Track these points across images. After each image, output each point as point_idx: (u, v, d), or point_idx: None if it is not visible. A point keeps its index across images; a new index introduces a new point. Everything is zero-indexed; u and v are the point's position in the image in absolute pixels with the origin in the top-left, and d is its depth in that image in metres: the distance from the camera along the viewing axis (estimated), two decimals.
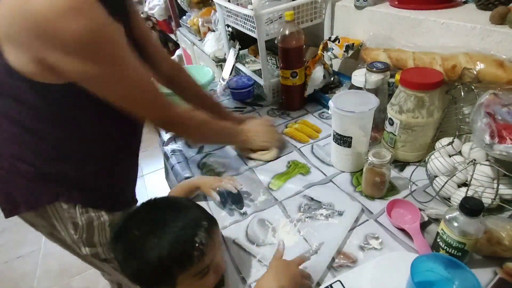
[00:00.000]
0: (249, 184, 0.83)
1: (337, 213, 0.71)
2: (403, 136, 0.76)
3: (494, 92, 0.62)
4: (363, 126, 0.75)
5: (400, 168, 0.81)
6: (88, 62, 0.54)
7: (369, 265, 0.58)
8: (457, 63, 0.71)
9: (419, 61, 0.79)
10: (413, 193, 0.72)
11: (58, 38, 0.50)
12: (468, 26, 0.73)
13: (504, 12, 0.68)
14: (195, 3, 2.04)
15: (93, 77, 0.56)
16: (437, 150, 0.70)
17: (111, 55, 0.56)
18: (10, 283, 1.74)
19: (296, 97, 1.10)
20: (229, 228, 0.72)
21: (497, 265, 0.55)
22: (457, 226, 0.50)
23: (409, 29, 0.88)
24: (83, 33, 0.50)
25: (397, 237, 0.64)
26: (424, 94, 0.70)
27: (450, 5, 0.85)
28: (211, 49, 1.72)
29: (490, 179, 0.63)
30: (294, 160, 0.89)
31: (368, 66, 0.80)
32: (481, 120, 0.59)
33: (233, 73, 1.34)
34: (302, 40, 0.99)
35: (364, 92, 0.79)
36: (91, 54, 0.53)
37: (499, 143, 0.56)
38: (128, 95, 0.62)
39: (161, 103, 0.69)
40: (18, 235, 2.01)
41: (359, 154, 0.79)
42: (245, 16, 1.06)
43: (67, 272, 1.73)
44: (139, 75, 0.62)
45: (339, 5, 1.10)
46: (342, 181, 0.80)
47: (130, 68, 0.60)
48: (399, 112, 0.74)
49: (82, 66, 0.54)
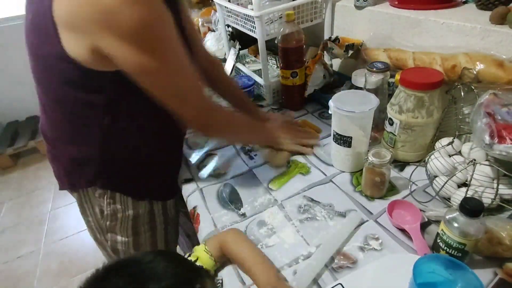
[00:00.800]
0: (248, 184, 0.83)
1: (337, 214, 0.71)
2: (403, 136, 0.76)
3: (494, 92, 0.62)
4: (363, 126, 0.75)
5: (400, 168, 0.81)
6: (142, 50, 0.54)
7: (370, 267, 0.58)
8: (457, 63, 0.71)
9: (419, 61, 0.79)
10: (413, 193, 0.72)
11: (117, 24, 0.50)
12: (468, 26, 0.73)
13: (504, 12, 0.68)
14: (195, 3, 2.04)
15: (143, 66, 0.56)
16: (437, 150, 0.70)
17: (165, 46, 0.56)
18: (10, 283, 1.74)
19: (296, 97, 1.10)
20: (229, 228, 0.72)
21: (497, 265, 0.55)
22: (457, 226, 0.50)
23: (409, 29, 0.87)
24: (141, 21, 0.50)
25: (397, 238, 0.64)
26: (424, 94, 0.70)
27: (450, 5, 0.85)
28: (211, 49, 1.72)
29: (490, 179, 0.63)
30: (294, 160, 0.89)
31: (368, 66, 0.80)
32: (481, 120, 0.59)
33: (233, 73, 1.34)
34: (302, 40, 0.99)
35: (364, 92, 0.79)
36: (146, 42, 0.53)
37: (499, 143, 0.56)
38: (173, 88, 0.62)
39: (204, 102, 0.69)
40: (18, 235, 2.01)
41: (359, 154, 0.79)
42: (245, 16, 1.06)
43: (67, 272, 1.74)
44: (186, 68, 0.62)
45: (339, 5, 1.10)
46: (342, 181, 0.80)
47: (179, 60, 0.60)
48: (398, 112, 0.74)
49: (136, 54, 0.54)
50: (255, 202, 0.77)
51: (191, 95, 0.65)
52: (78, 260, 1.81)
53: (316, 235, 0.67)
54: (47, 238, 1.98)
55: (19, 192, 2.39)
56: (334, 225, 0.68)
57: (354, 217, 0.68)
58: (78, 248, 1.88)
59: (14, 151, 2.67)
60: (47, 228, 2.05)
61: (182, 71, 0.62)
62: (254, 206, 0.76)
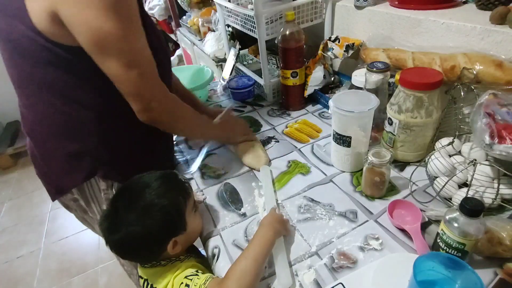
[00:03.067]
0: (249, 184, 0.83)
1: (337, 214, 0.71)
2: (402, 136, 0.76)
3: (494, 92, 0.62)
4: (363, 126, 0.75)
5: (400, 168, 0.81)
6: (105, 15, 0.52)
7: (370, 266, 0.58)
8: (456, 64, 0.71)
9: (418, 61, 0.79)
10: (413, 193, 0.72)
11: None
12: (468, 26, 0.73)
13: (504, 12, 0.68)
14: (195, 3, 2.04)
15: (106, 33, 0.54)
16: (437, 150, 0.70)
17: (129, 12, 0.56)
18: (10, 283, 1.74)
19: (296, 97, 1.10)
20: (229, 229, 0.72)
21: (497, 265, 0.55)
22: (457, 226, 0.50)
23: (409, 29, 0.88)
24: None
25: (397, 238, 0.64)
26: (423, 94, 0.70)
27: (450, 5, 0.85)
28: (211, 49, 1.72)
29: (490, 179, 0.63)
30: (294, 159, 0.89)
31: (368, 66, 0.80)
32: (481, 120, 0.59)
33: (233, 73, 1.34)
34: (302, 40, 0.99)
35: (364, 92, 0.79)
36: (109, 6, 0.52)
37: (499, 143, 0.56)
38: (133, 61, 0.59)
39: (161, 86, 0.66)
40: (18, 235, 2.01)
41: (359, 154, 0.79)
42: (246, 16, 1.06)
43: (67, 272, 1.73)
44: (146, 45, 0.61)
45: (339, 5, 1.10)
46: (342, 181, 0.80)
47: (141, 33, 0.59)
48: (398, 112, 0.74)
49: (98, 18, 0.52)
50: (255, 202, 0.77)
51: (150, 74, 0.63)
52: (78, 260, 1.81)
53: (316, 235, 0.67)
54: (47, 238, 1.98)
55: (19, 192, 2.39)
56: (334, 225, 0.68)
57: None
58: (78, 248, 1.88)
59: (14, 151, 2.67)
60: (47, 228, 2.05)
61: (143, 44, 0.60)
62: (254, 206, 0.76)
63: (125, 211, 0.58)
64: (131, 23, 0.57)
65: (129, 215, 0.57)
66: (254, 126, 1.06)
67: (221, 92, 1.33)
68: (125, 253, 0.62)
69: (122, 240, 0.58)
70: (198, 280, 0.56)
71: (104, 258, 1.77)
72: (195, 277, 0.57)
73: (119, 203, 0.59)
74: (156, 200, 0.59)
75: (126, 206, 0.58)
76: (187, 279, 0.57)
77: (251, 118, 1.12)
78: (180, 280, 0.58)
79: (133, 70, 0.59)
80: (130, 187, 0.62)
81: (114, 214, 0.59)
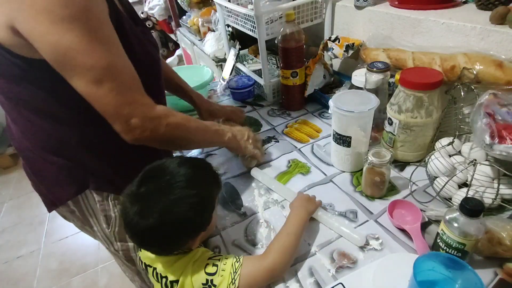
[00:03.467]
0: (249, 184, 0.83)
1: (337, 214, 0.71)
2: (402, 136, 0.76)
3: (494, 92, 0.62)
4: (363, 126, 0.75)
5: (400, 168, 0.81)
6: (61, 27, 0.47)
7: (370, 266, 0.58)
8: (456, 64, 0.71)
9: (418, 61, 0.79)
10: (414, 193, 0.72)
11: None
12: (468, 26, 0.73)
13: (504, 12, 0.68)
14: (195, 3, 2.04)
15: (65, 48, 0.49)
16: (437, 150, 0.70)
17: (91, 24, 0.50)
18: (10, 283, 1.74)
19: (296, 97, 1.10)
20: (229, 229, 0.72)
21: (497, 265, 0.55)
22: (457, 226, 0.50)
23: (409, 29, 0.88)
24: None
25: (397, 238, 0.64)
26: (423, 94, 0.70)
27: (450, 5, 0.85)
28: (211, 49, 1.72)
29: (490, 179, 0.63)
30: (294, 159, 0.89)
31: (369, 66, 0.80)
32: (481, 120, 0.59)
33: (233, 73, 1.34)
34: (302, 40, 0.99)
35: (364, 92, 0.79)
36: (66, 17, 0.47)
37: (499, 143, 0.56)
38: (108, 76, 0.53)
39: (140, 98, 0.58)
40: (18, 235, 2.01)
41: (359, 154, 0.79)
42: (246, 16, 1.06)
43: (67, 272, 1.74)
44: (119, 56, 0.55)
45: (339, 5, 1.10)
46: (342, 181, 0.80)
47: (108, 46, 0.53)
48: (398, 112, 0.74)
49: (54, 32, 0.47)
50: (255, 202, 0.77)
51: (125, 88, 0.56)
52: (77, 260, 1.81)
53: (316, 235, 0.67)
54: (47, 238, 1.98)
55: (19, 192, 2.39)
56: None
57: None
58: (78, 248, 1.88)
59: (14, 151, 2.67)
60: (47, 228, 2.05)
61: (116, 55, 0.54)
62: (254, 206, 0.76)
63: (159, 195, 0.52)
64: (95, 35, 0.51)
65: (165, 200, 0.51)
66: (254, 126, 1.06)
67: (221, 92, 1.33)
68: (150, 240, 0.54)
69: (154, 226, 0.51)
70: (227, 260, 0.56)
71: (104, 258, 1.77)
72: (222, 257, 0.57)
73: (150, 185, 0.53)
74: (194, 190, 0.53)
75: (160, 190, 0.52)
76: (213, 260, 0.56)
77: (251, 118, 1.12)
78: (204, 262, 0.56)
79: (103, 86, 0.53)
80: (163, 169, 0.56)
81: (147, 197, 0.52)
